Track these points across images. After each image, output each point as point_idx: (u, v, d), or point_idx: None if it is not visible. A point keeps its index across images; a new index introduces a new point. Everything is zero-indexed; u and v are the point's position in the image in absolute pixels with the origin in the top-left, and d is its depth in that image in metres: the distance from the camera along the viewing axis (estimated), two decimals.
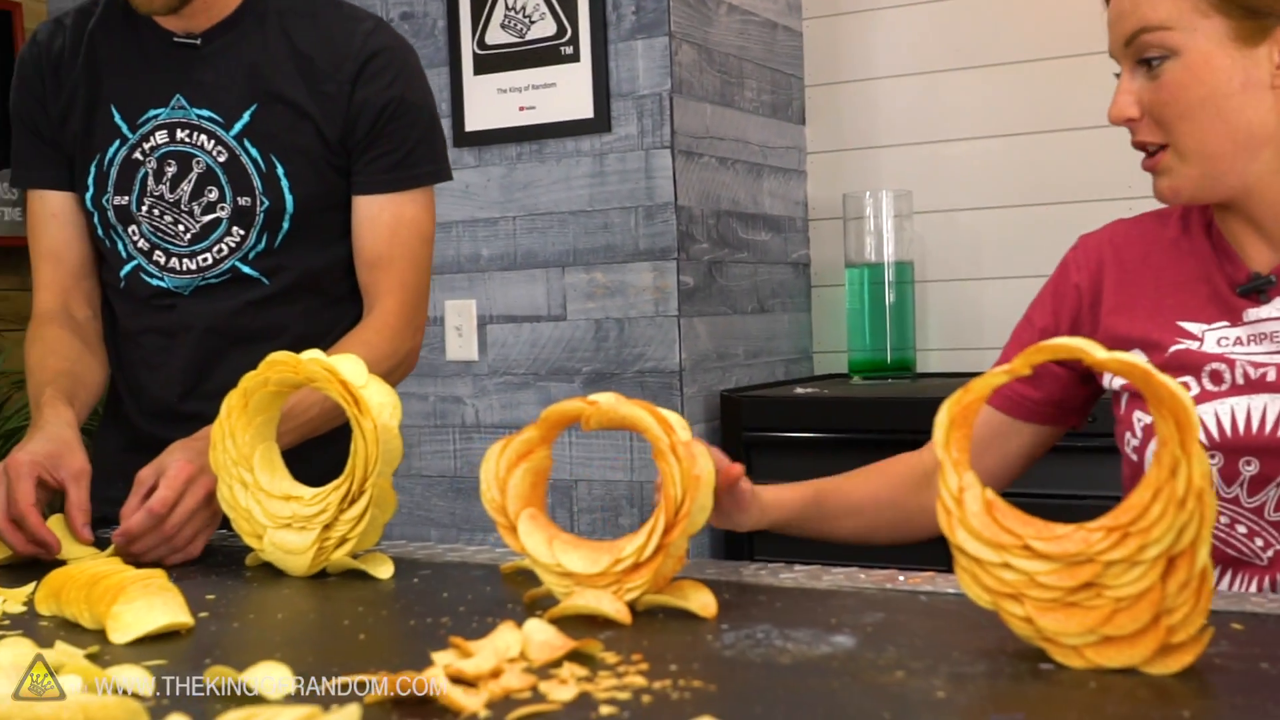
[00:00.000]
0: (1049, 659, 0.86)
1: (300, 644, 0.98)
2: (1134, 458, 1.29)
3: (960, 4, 3.08)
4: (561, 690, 0.82)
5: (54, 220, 1.66)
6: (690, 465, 1.02)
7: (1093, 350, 0.84)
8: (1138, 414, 1.27)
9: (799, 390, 2.83)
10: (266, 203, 1.57)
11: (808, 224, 3.27)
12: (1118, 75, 1.25)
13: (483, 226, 2.90)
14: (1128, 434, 1.29)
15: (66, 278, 1.66)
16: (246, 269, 1.60)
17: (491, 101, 2.86)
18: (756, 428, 2.71)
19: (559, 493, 2.79)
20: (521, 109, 2.83)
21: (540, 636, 0.92)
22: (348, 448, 1.25)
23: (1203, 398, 1.22)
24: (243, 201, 1.57)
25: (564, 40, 2.77)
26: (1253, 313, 1.24)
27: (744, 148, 2.98)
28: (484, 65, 2.87)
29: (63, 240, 1.66)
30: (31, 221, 1.68)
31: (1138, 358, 0.83)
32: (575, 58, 2.77)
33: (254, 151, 1.57)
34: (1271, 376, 1.20)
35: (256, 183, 1.57)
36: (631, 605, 1.03)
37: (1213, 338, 1.25)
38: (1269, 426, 1.19)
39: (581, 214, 2.79)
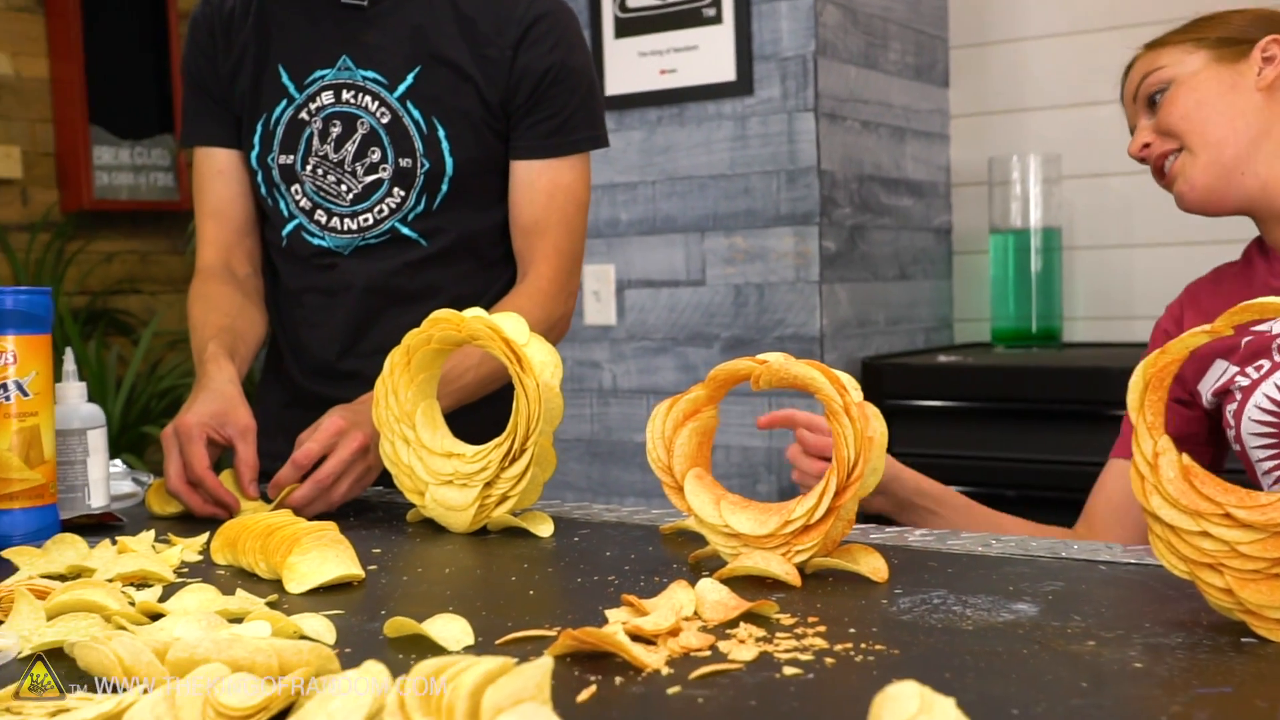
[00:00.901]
0: (1251, 633, 0.82)
1: (470, 598, 0.99)
2: (1236, 446, 1.36)
3: None
4: (742, 650, 0.81)
5: (219, 178, 1.69)
6: (864, 426, 1.00)
7: None
8: (1229, 409, 1.35)
9: (942, 358, 2.77)
10: (427, 164, 1.58)
11: (950, 189, 3.20)
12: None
13: (622, 191, 2.90)
14: (1226, 430, 1.36)
15: (229, 234, 1.69)
16: (405, 230, 1.61)
17: (632, 65, 2.85)
18: (899, 395, 2.67)
19: None
20: (662, 72, 2.82)
21: (714, 596, 0.91)
22: (508, 406, 1.25)
23: (1275, 369, 1.31)
24: (404, 163, 1.58)
25: (706, 2, 2.75)
26: None
27: (887, 111, 2.93)
28: (625, 28, 2.85)
29: (227, 197, 1.69)
30: (197, 179, 1.71)
31: None
32: (718, 19, 2.74)
33: (416, 113, 1.58)
34: None
35: (418, 144, 1.58)
36: (801, 567, 1.01)
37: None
38: None
39: (722, 178, 2.77)
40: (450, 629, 0.85)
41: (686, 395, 1.09)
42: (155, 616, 0.92)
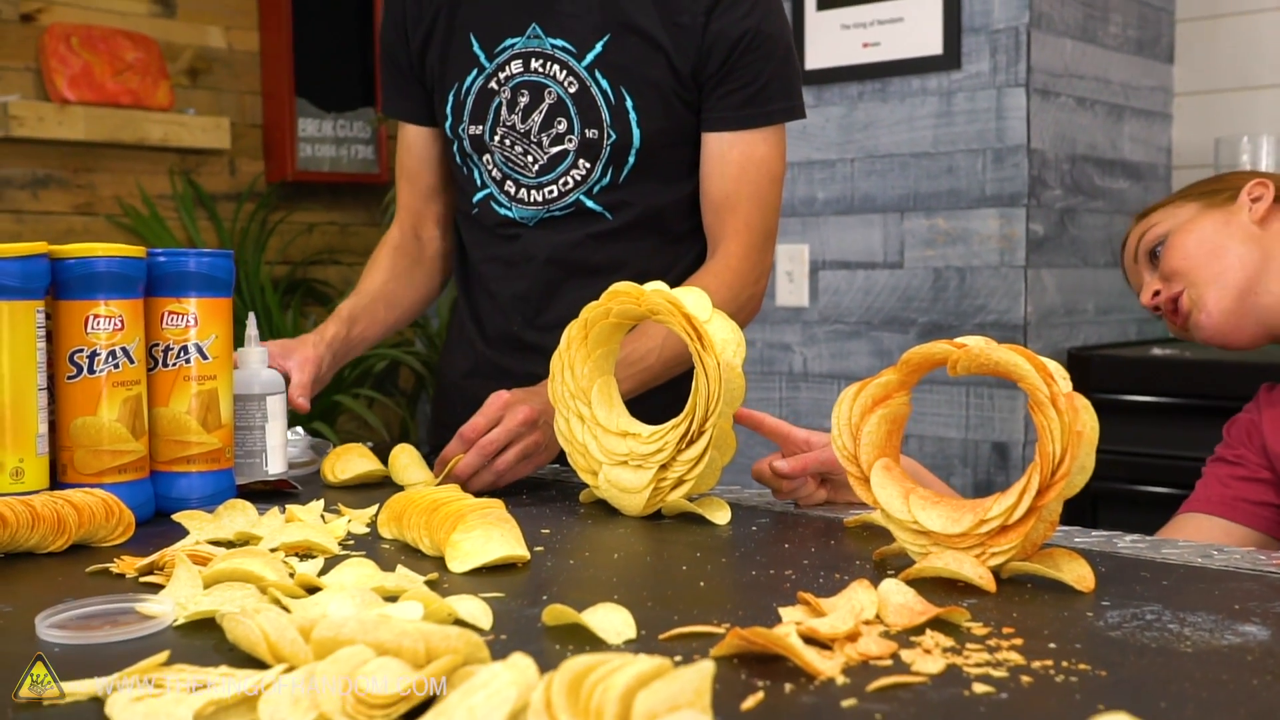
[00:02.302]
0: None
1: (637, 587, 0.93)
2: None
3: None
4: (927, 661, 0.74)
5: (409, 151, 1.73)
6: (1073, 419, 0.91)
7: None
8: None
9: (1156, 351, 2.61)
10: (614, 136, 1.53)
11: (1171, 171, 3.01)
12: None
13: (819, 169, 2.81)
14: None
15: (417, 199, 1.74)
16: (590, 203, 1.57)
17: (834, 38, 2.76)
18: (1109, 389, 2.51)
19: None
20: (865, 45, 2.71)
21: (898, 599, 0.83)
22: (687, 386, 1.19)
23: None
24: (590, 134, 1.54)
25: None
26: None
27: (1105, 87, 2.76)
28: (827, 0, 2.76)
29: (414, 166, 1.73)
30: (399, 148, 1.77)
31: None
32: None
33: (604, 83, 1.53)
34: None
35: (605, 115, 1.53)
36: (996, 572, 0.93)
37: None
38: None
39: (924, 156, 2.65)
40: (611, 620, 0.80)
41: (877, 379, 1.02)
42: (313, 590, 0.89)
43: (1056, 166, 2.61)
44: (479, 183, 1.62)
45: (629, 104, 1.52)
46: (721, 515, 1.18)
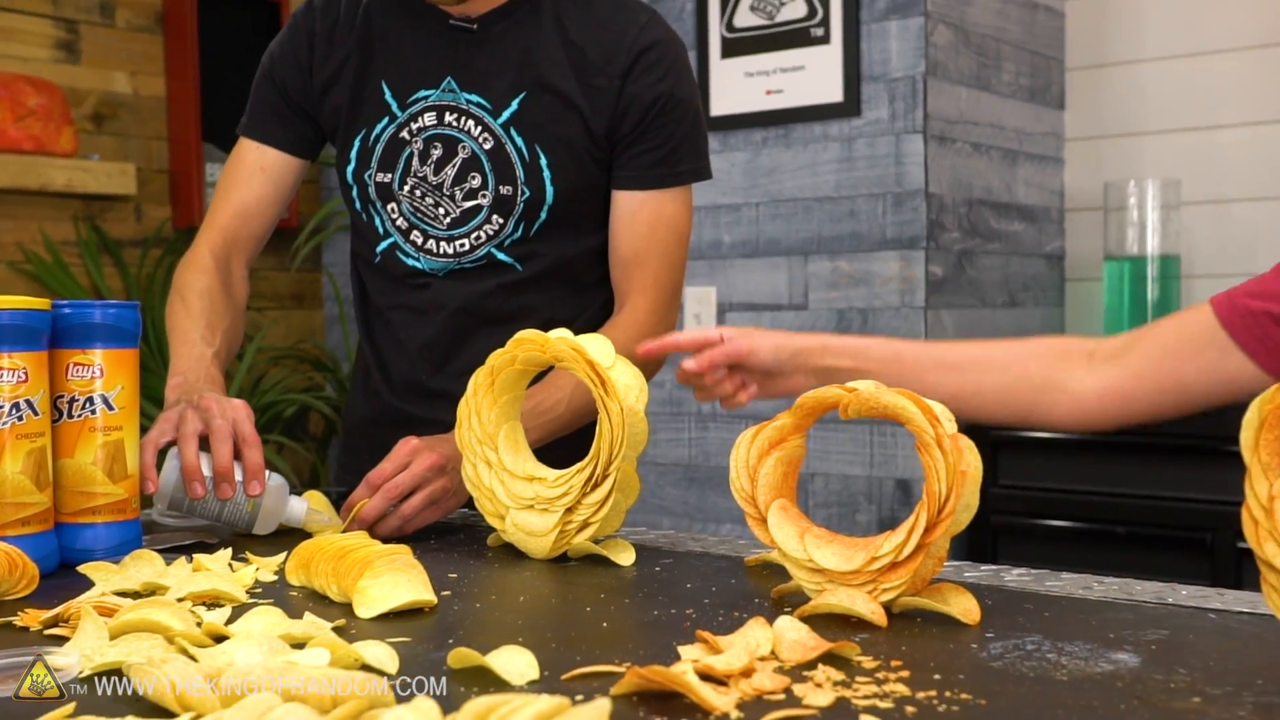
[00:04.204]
0: None
1: (542, 629, 0.96)
2: None
3: None
4: (818, 695, 0.77)
5: (260, 174, 1.66)
6: (957, 460, 0.95)
7: None
8: None
9: None
10: (528, 193, 1.56)
11: (1064, 214, 3.11)
12: None
13: (725, 212, 2.86)
14: None
15: (241, 231, 1.66)
16: (501, 255, 1.59)
17: (738, 85, 2.82)
18: (1005, 426, 2.59)
19: None
20: (769, 92, 2.78)
21: (792, 635, 0.86)
22: (592, 430, 1.22)
23: None
24: (504, 190, 1.56)
25: (814, 21, 2.70)
26: None
27: (999, 133, 2.85)
28: (732, 48, 2.82)
29: (256, 198, 1.66)
30: (234, 168, 1.67)
31: None
32: (825, 39, 2.70)
33: (519, 140, 1.55)
34: None
35: (519, 172, 1.55)
36: (887, 607, 0.97)
37: None
38: None
39: (827, 200, 2.72)
40: (515, 662, 0.82)
41: (773, 423, 1.05)
42: (221, 638, 0.90)
43: (954, 210, 2.69)
44: (382, 231, 1.63)
45: (543, 162, 1.55)
46: (626, 557, 1.21)
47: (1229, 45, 2.89)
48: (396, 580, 1.01)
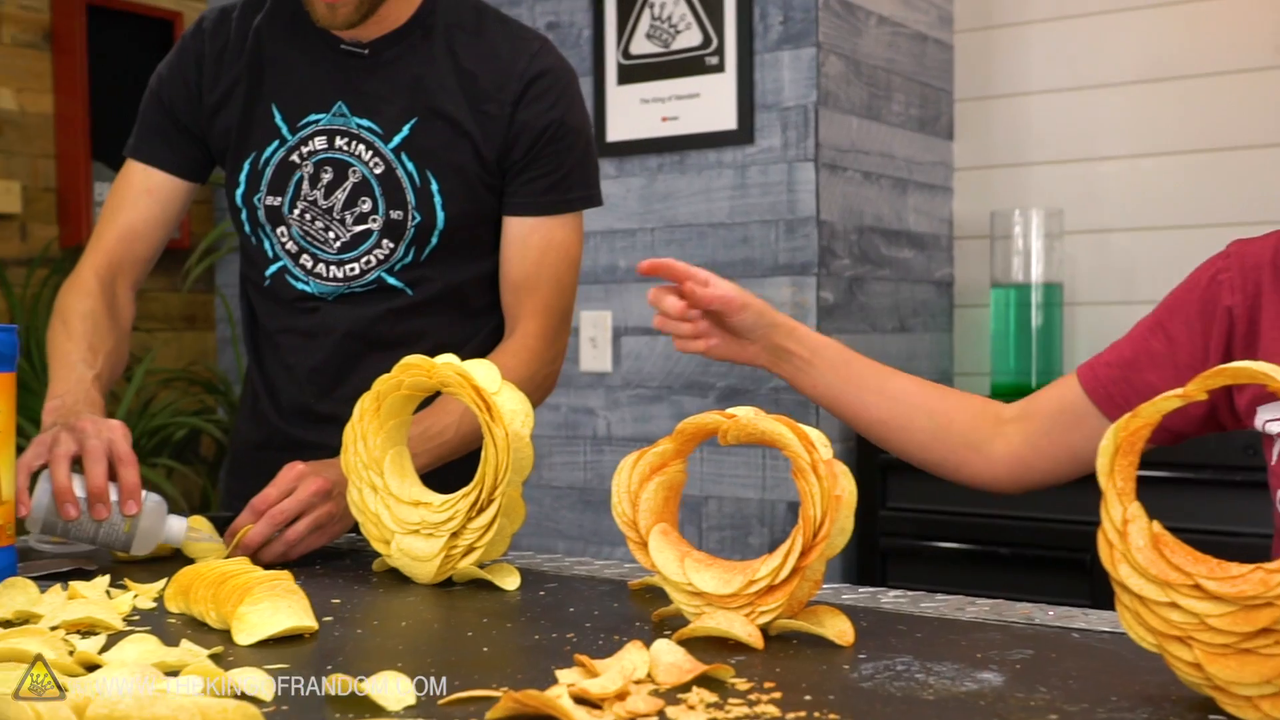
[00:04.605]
0: (1219, 710, 0.79)
1: (422, 654, 0.96)
2: None
3: (1116, 18, 2.97)
4: (690, 716, 0.78)
5: (146, 196, 1.64)
6: (831, 485, 0.97)
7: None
8: None
9: None
10: (419, 218, 1.56)
11: (953, 242, 3.18)
12: None
13: (621, 237, 2.88)
14: (1279, 493, 1.19)
15: (127, 254, 1.64)
16: (391, 280, 1.59)
17: (634, 111, 2.84)
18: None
19: (688, 509, 2.75)
20: (664, 119, 2.81)
21: (668, 658, 0.88)
22: (479, 455, 1.22)
23: None
24: (395, 215, 1.56)
25: (709, 50, 2.74)
26: None
27: (889, 162, 2.91)
28: (628, 75, 2.85)
29: (143, 220, 1.64)
30: (121, 190, 1.65)
31: None
32: (720, 68, 2.73)
33: (410, 166, 1.56)
34: None
35: (410, 197, 1.56)
36: (764, 629, 0.98)
37: None
38: None
39: (721, 226, 2.75)
40: (392, 688, 0.82)
41: (654, 449, 1.07)
42: (94, 668, 0.89)
43: (845, 237, 2.74)
44: (271, 254, 1.62)
45: (434, 187, 1.56)
46: (511, 581, 1.21)
47: (1110, 80, 2.98)
48: (277, 606, 1.00)
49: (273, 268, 1.63)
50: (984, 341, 3.08)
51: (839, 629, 0.98)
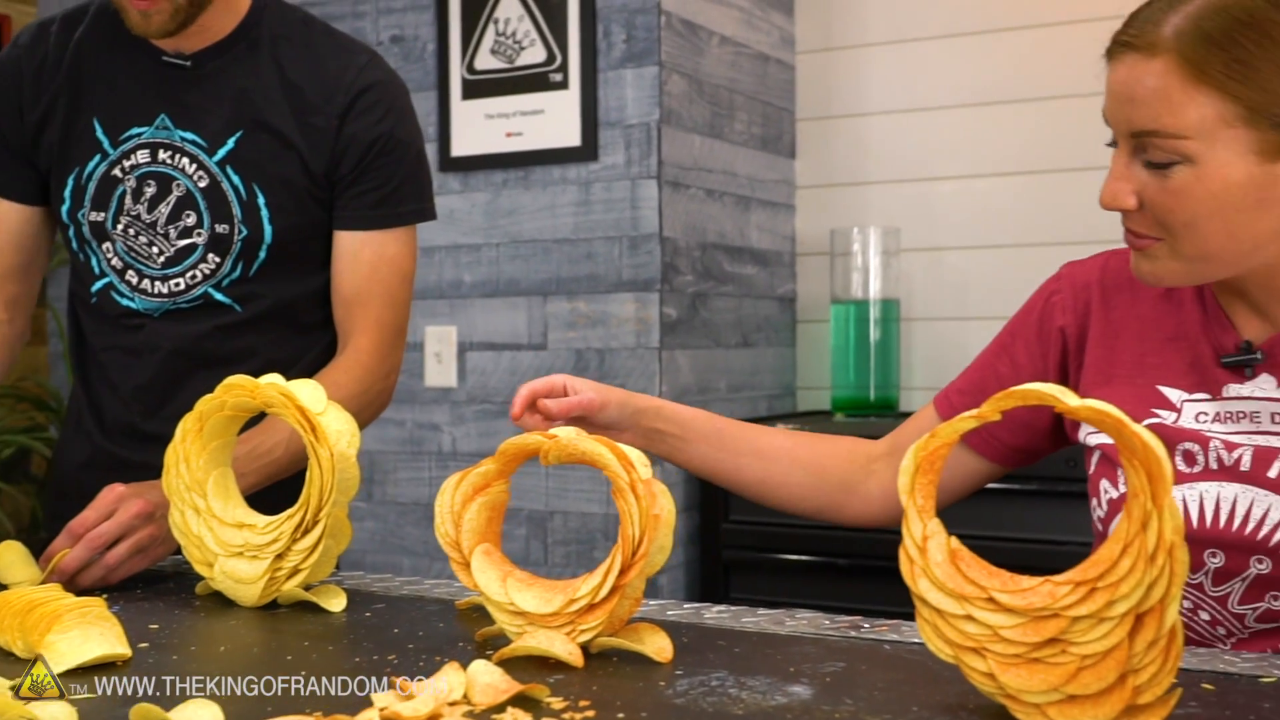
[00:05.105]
0: (1012, 717, 0.82)
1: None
2: (1099, 527, 1.25)
3: (954, 42, 3.07)
4: None
5: None
6: (650, 504, 0.99)
7: (1064, 397, 0.81)
8: (1104, 483, 1.21)
9: (780, 427, 2.79)
10: (245, 231, 1.54)
11: (795, 258, 3.24)
12: (1112, 145, 1.13)
13: (465, 252, 2.87)
14: (1094, 501, 1.25)
15: None
16: (219, 295, 1.57)
17: (478, 127, 2.84)
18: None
19: (534, 524, 2.75)
20: (508, 135, 2.81)
21: (485, 679, 0.88)
22: (305, 476, 1.21)
23: (1179, 480, 1.16)
24: (220, 229, 1.54)
25: (553, 67, 2.75)
26: (1233, 388, 1.16)
27: (732, 180, 2.96)
28: (472, 90, 2.84)
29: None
30: None
31: (1110, 406, 0.80)
32: (564, 85, 2.75)
33: (236, 179, 1.53)
34: (1246, 464, 1.13)
35: (236, 211, 1.54)
36: (585, 647, 0.99)
37: (1191, 410, 1.18)
38: (1237, 522, 1.13)
39: (565, 242, 2.76)
40: (200, 715, 0.81)
41: (476, 469, 1.07)
42: None
43: (688, 253, 2.77)
44: (97, 271, 1.58)
45: (261, 200, 1.54)
46: (337, 602, 1.20)
47: (945, 103, 3.07)
48: (87, 634, 0.98)
49: (99, 284, 1.59)
50: (825, 356, 3.14)
51: (658, 646, 1.00)
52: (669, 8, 2.70)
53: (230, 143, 1.54)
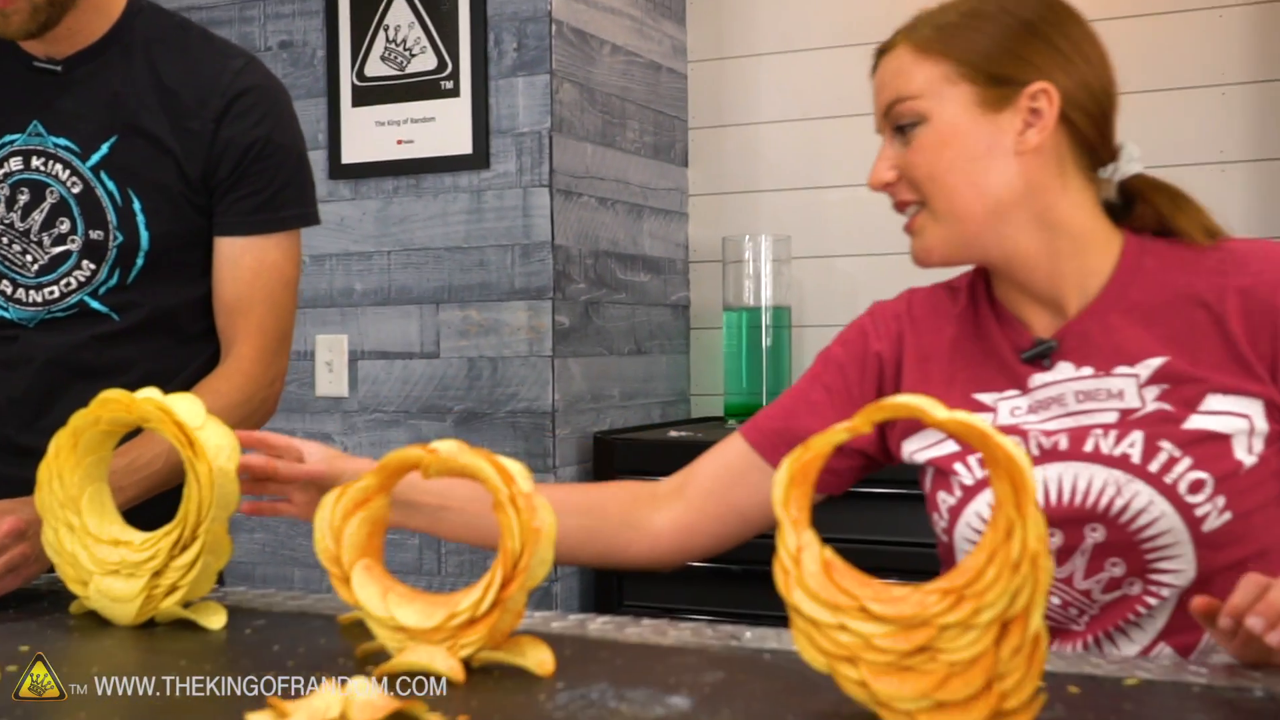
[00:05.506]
0: None
1: (109, 702, 0.93)
2: (944, 538, 1.29)
3: (842, 52, 3.11)
4: None
5: None
6: (530, 517, 0.99)
7: (933, 410, 0.82)
8: (941, 494, 1.27)
9: (673, 433, 2.81)
10: (120, 237, 1.51)
11: (688, 266, 3.26)
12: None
13: (357, 260, 2.85)
14: (934, 515, 1.30)
15: None
16: (95, 304, 1.54)
17: (369, 134, 2.82)
18: (629, 470, 2.68)
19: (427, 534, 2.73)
20: (399, 142, 2.79)
21: (363, 696, 0.88)
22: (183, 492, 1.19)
23: None
24: (95, 235, 1.51)
25: (444, 75, 2.74)
26: (1038, 378, 1.25)
27: (625, 188, 2.97)
28: (362, 97, 2.82)
29: None
30: None
31: (976, 418, 0.82)
32: (455, 92, 2.74)
33: (110, 184, 1.51)
34: (1064, 445, 1.21)
35: (111, 216, 1.51)
36: (466, 662, 0.99)
37: (1005, 408, 1.27)
38: (1065, 497, 1.19)
39: (457, 250, 2.75)
40: None
41: (356, 484, 1.06)
42: None
43: (580, 261, 2.78)
44: None
45: (136, 206, 1.52)
46: (216, 620, 1.18)
47: (834, 112, 3.11)
48: None
49: None
50: (718, 362, 3.17)
51: (539, 659, 1.00)
52: (560, 16, 2.70)
53: (104, 148, 1.51)
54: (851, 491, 1.42)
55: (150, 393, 1.19)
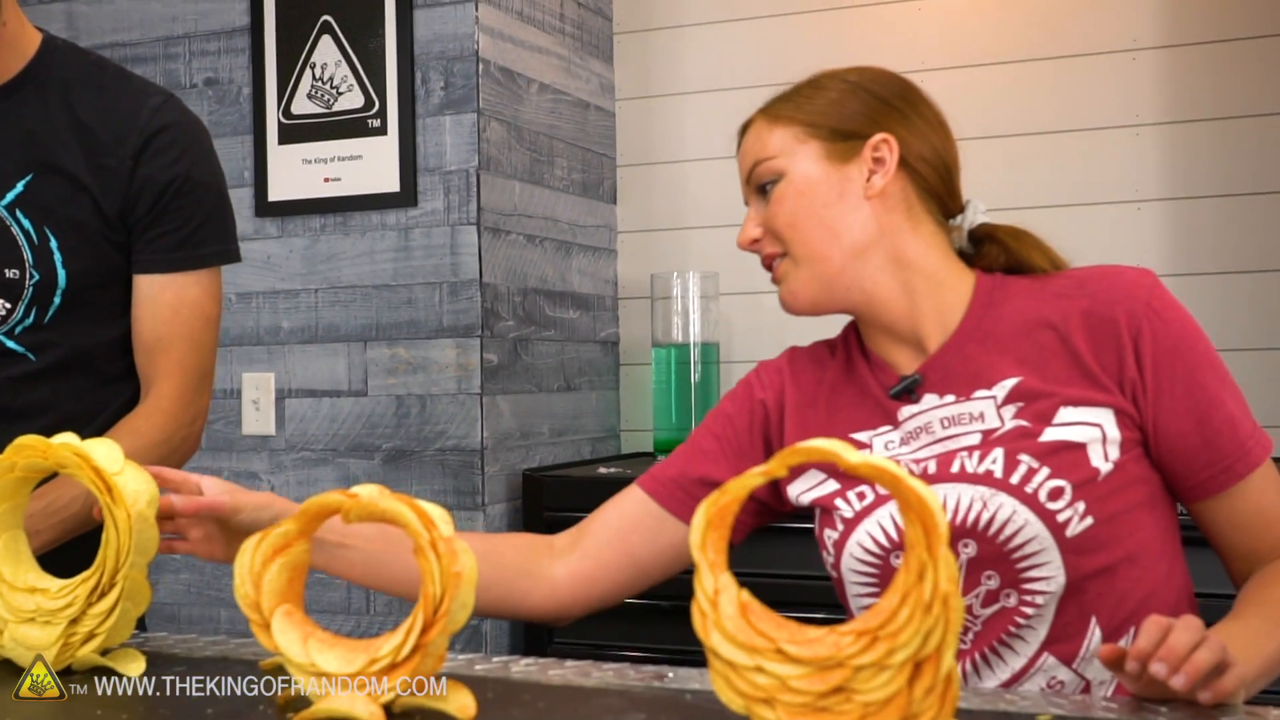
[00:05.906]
0: None
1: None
2: (834, 573, 1.36)
3: (767, 91, 3.13)
4: None
5: None
6: (450, 562, 0.99)
7: (845, 454, 0.84)
8: (827, 531, 1.34)
9: (602, 470, 2.81)
10: (37, 276, 1.50)
11: (617, 303, 3.28)
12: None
13: (284, 298, 2.83)
14: (824, 553, 1.37)
15: None
16: (11, 344, 1.52)
17: (296, 172, 2.81)
18: (559, 508, 2.68)
19: None
20: (326, 180, 2.79)
21: None
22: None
23: (878, 503, 1.30)
24: (10, 274, 1.50)
25: (371, 113, 2.74)
26: (907, 410, 1.34)
27: (553, 226, 2.98)
28: (289, 135, 2.81)
29: None
30: None
31: (888, 462, 0.84)
32: (383, 131, 2.74)
33: (26, 223, 1.50)
34: (933, 469, 1.29)
35: (27, 255, 1.50)
36: (388, 707, 0.99)
37: (880, 443, 1.35)
38: None
39: (385, 288, 2.75)
40: None
41: (276, 529, 1.06)
42: None
43: (509, 299, 2.78)
44: None
45: (53, 244, 1.50)
46: (135, 667, 1.17)
47: None
48: None
49: None
50: (647, 398, 3.18)
51: (461, 703, 1.00)
52: (487, 55, 2.72)
53: (19, 186, 1.50)
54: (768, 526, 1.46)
55: (67, 438, 1.18)
